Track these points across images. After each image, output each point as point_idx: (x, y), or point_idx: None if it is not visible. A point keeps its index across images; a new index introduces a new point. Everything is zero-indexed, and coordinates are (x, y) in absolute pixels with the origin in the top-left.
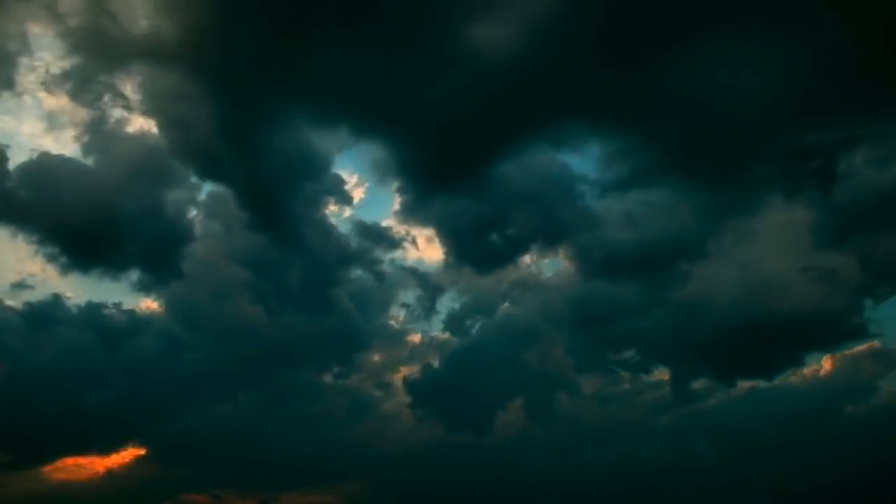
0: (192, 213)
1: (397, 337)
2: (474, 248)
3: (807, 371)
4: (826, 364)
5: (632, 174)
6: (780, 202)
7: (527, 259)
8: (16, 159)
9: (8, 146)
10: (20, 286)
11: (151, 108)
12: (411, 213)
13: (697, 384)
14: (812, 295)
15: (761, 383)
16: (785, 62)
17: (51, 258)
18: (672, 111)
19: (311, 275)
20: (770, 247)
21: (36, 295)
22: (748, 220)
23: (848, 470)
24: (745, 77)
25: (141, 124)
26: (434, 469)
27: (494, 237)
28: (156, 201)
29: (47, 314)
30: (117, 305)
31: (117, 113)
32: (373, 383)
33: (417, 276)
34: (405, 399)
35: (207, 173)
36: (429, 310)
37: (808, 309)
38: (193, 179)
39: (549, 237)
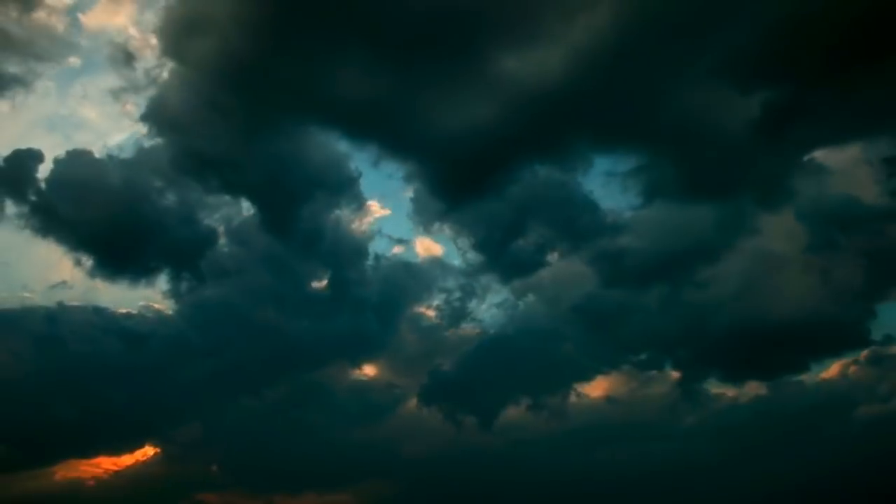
0: (216, 221)
1: (415, 338)
2: (498, 255)
3: (817, 374)
4: (836, 367)
5: (646, 188)
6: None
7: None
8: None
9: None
10: (51, 289)
11: (182, 120)
12: (439, 221)
13: (708, 385)
14: (818, 300)
15: (770, 385)
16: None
17: (78, 262)
18: (679, 136)
19: (332, 279)
20: (776, 255)
21: (61, 298)
22: (754, 230)
23: (859, 471)
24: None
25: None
26: (451, 468)
27: (517, 244)
28: (181, 210)
29: (67, 317)
30: (138, 309)
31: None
32: (390, 384)
33: (440, 280)
34: (423, 399)
35: (231, 184)
36: (456, 310)
37: (814, 313)
38: (218, 190)
39: (569, 245)
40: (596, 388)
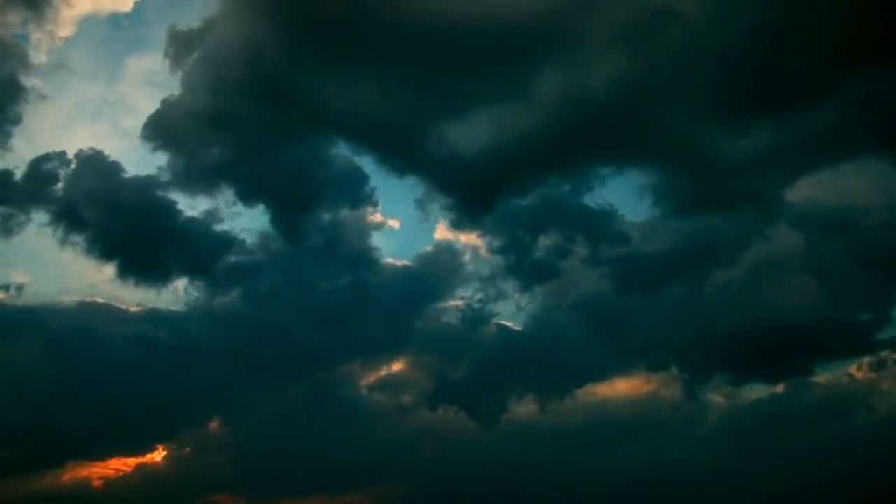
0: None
1: (429, 340)
2: (516, 261)
3: (826, 376)
4: (846, 370)
5: (657, 201)
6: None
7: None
8: None
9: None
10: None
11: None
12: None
13: (718, 388)
14: (826, 305)
15: (779, 386)
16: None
17: (99, 268)
18: (687, 155)
19: (346, 282)
20: (782, 261)
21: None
22: (761, 239)
23: (867, 473)
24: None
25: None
26: (464, 469)
27: (535, 251)
28: (199, 216)
29: (85, 318)
30: (153, 311)
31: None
32: (403, 385)
33: (458, 283)
34: (436, 400)
35: (251, 192)
36: (476, 312)
37: (822, 317)
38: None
39: (582, 252)
40: (607, 390)
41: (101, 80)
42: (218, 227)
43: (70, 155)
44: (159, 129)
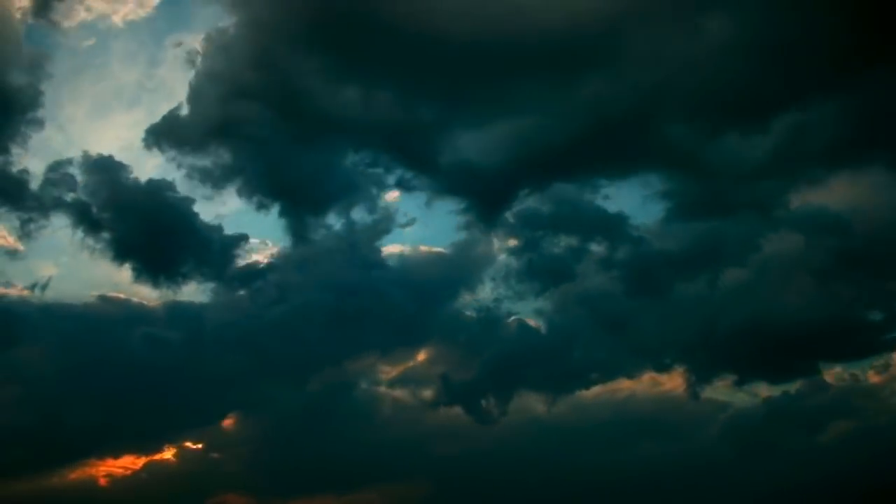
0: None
1: (442, 339)
2: (528, 263)
3: (831, 377)
4: (850, 371)
5: (667, 207)
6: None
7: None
8: None
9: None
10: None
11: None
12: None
13: (724, 388)
14: (831, 306)
15: (784, 387)
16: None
17: (117, 269)
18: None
19: (356, 282)
20: (786, 264)
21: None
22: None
23: (871, 473)
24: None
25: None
26: (478, 468)
27: (545, 255)
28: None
29: (97, 316)
30: (165, 311)
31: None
32: (416, 381)
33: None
34: (448, 399)
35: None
36: (491, 312)
37: (828, 319)
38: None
39: (592, 255)
40: (616, 389)
41: (140, 65)
42: (234, 230)
43: (88, 155)
44: (166, 136)
